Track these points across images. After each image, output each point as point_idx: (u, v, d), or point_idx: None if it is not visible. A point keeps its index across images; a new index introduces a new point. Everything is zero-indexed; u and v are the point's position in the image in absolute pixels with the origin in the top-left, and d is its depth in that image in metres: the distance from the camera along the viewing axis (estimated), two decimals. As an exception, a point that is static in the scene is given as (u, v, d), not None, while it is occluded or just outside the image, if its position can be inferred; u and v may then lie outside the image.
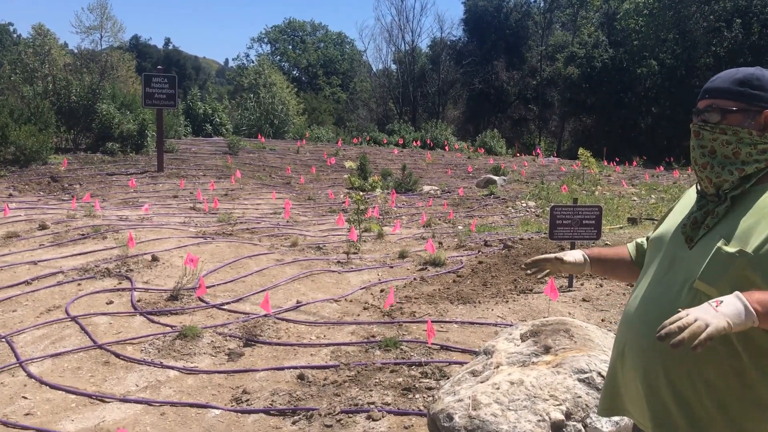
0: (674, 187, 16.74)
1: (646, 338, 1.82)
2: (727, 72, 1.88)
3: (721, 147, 1.81)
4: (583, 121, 41.90)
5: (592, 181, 17.54)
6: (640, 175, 21.17)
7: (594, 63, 36.98)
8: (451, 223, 11.68)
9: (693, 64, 33.45)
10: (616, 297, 6.53)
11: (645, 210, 13.14)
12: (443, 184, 17.67)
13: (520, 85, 49.14)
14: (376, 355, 5.15)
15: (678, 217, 1.97)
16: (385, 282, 7.21)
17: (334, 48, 69.31)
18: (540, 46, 47.84)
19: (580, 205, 6.82)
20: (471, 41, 50.69)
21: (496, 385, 3.54)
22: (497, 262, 8.02)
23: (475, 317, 5.99)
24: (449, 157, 25.07)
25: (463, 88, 50.43)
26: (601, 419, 3.33)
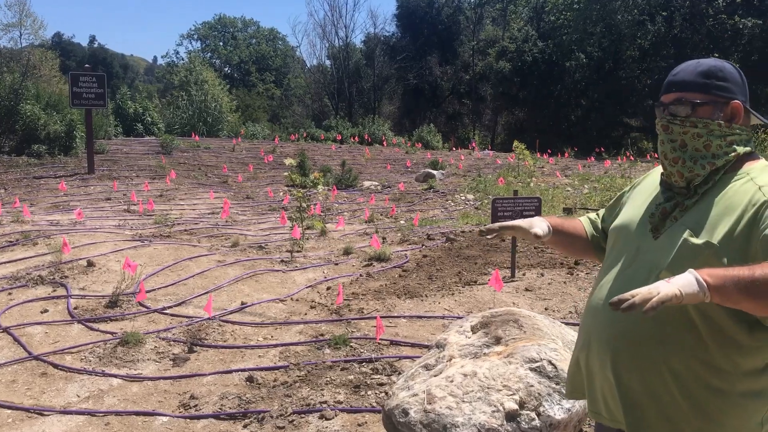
0: (606, 177, 17.24)
1: (612, 329, 1.83)
2: (687, 65, 1.88)
3: (692, 140, 1.81)
4: (515, 114, 42.72)
5: (527, 173, 17.89)
6: (572, 166, 21.71)
7: (524, 57, 37.72)
8: (394, 218, 11.71)
9: (619, 56, 34.55)
10: (557, 286, 6.67)
11: (579, 200, 13.49)
12: (383, 179, 17.71)
13: (453, 80, 49.68)
14: (325, 354, 5.11)
15: (640, 206, 1.97)
16: (331, 279, 7.17)
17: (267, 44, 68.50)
18: (472, 41, 48.47)
19: (520, 197, 6.93)
20: (404, 36, 50.92)
21: (449, 378, 3.56)
22: (441, 255, 8.09)
23: (422, 311, 6.02)
24: (388, 152, 25.15)
25: (398, 84, 50.65)
26: (554, 407, 3.40)
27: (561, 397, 3.43)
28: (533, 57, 37.52)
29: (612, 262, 1.96)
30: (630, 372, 1.80)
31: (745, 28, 30.19)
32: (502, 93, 40.56)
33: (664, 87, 1.90)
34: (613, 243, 2.02)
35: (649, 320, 1.74)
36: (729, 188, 1.79)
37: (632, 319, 1.78)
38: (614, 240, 2.02)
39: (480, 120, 50.33)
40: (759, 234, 1.67)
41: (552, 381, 3.48)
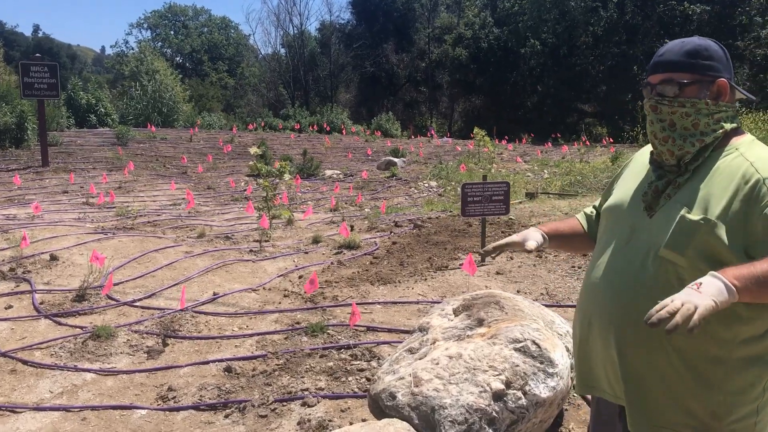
0: (565, 162, 17.50)
1: (614, 309, 1.86)
2: (672, 44, 1.90)
3: (681, 119, 1.84)
4: (472, 101, 43.02)
5: (487, 159, 18.05)
6: (531, 151, 21.99)
7: (481, 44, 37.96)
8: (359, 206, 11.69)
9: (573, 43, 35.02)
10: (527, 269, 6.77)
11: (540, 185, 13.68)
12: (345, 167, 17.65)
13: (410, 68, 49.75)
14: (303, 342, 5.09)
15: (631, 185, 2.00)
16: (302, 268, 7.14)
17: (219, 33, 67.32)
18: (427, 28, 48.55)
19: (489, 182, 6.99)
20: (360, 24, 50.73)
21: (435, 361, 3.58)
22: (410, 241, 8.12)
23: (397, 297, 6.04)
24: (347, 141, 25.07)
25: (355, 72, 50.50)
26: (539, 385, 3.45)
27: (546, 375, 3.49)
28: (489, 44, 37.80)
29: (607, 241, 1.99)
30: (634, 350, 1.84)
31: (694, 14, 30.92)
32: (459, 80, 40.78)
33: (650, 67, 1.92)
34: (606, 223, 2.05)
35: (650, 298, 1.75)
36: (719, 164, 1.83)
37: (633, 297, 1.83)
38: (607, 220, 2.05)
39: (437, 107, 50.56)
40: (759, 212, 1.71)
41: (536, 360, 3.54)
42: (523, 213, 9.76)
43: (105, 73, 72.21)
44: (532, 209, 10.13)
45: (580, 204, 10.68)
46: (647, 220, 1.87)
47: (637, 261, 1.84)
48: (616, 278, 1.88)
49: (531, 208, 10.26)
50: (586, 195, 12.32)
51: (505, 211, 6.99)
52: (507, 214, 7.15)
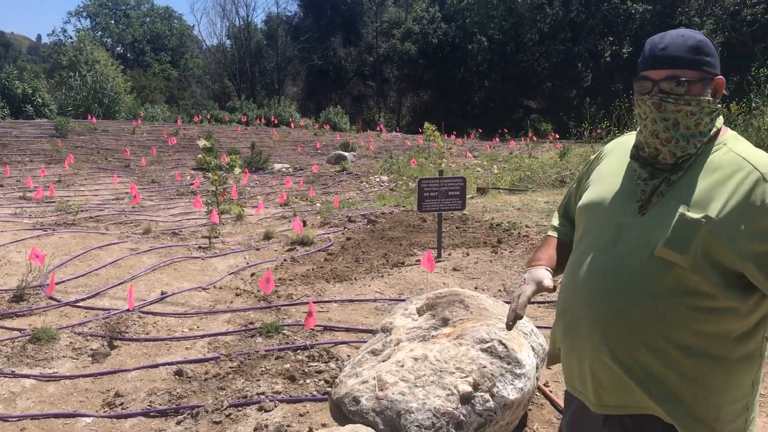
0: (514, 158, 17.63)
1: (608, 313, 1.77)
2: (672, 39, 1.78)
3: (685, 118, 1.75)
4: (420, 96, 43.09)
5: (437, 154, 18.04)
6: (479, 147, 22.11)
7: (430, 39, 38.02)
8: (310, 201, 11.49)
9: (520, 40, 35.40)
10: (484, 265, 6.72)
11: (490, 180, 13.72)
12: (294, 161, 17.39)
13: (357, 62, 49.50)
14: (257, 343, 4.91)
15: (612, 182, 1.91)
16: (254, 265, 6.92)
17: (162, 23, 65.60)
18: (375, 22, 48.39)
19: (445, 177, 6.92)
20: (307, 17, 50.17)
21: (400, 363, 3.47)
22: (365, 237, 7.99)
23: (353, 294, 5.90)
24: (296, 134, 24.74)
25: (302, 65, 49.97)
26: (507, 387, 3.37)
27: (513, 376, 3.41)
28: (438, 39, 37.89)
29: (589, 240, 1.89)
30: (632, 354, 1.75)
31: (636, 13, 31.61)
32: (407, 75, 40.79)
33: (650, 61, 1.79)
34: (586, 222, 1.94)
35: (645, 299, 1.71)
36: (710, 160, 1.77)
37: (628, 300, 1.74)
38: (587, 218, 1.94)
39: (385, 102, 50.50)
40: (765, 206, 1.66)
41: (504, 361, 3.46)
42: (476, 208, 9.74)
43: (41, 62, 69.55)
44: (485, 204, 10.13)
45: (531, 199, 10.73)
46: (638, 218, 1.78)
47: (632, 261, 1.75)
48: (607, 280, 1.78)
49: (483, 203, 10.26)
50: (535, 190, 12.41)
51: (461, 206, 6.93)
52: (463, 209, 7.10)
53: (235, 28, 50.93)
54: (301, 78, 51.32)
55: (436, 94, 40.15)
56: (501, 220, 8.77)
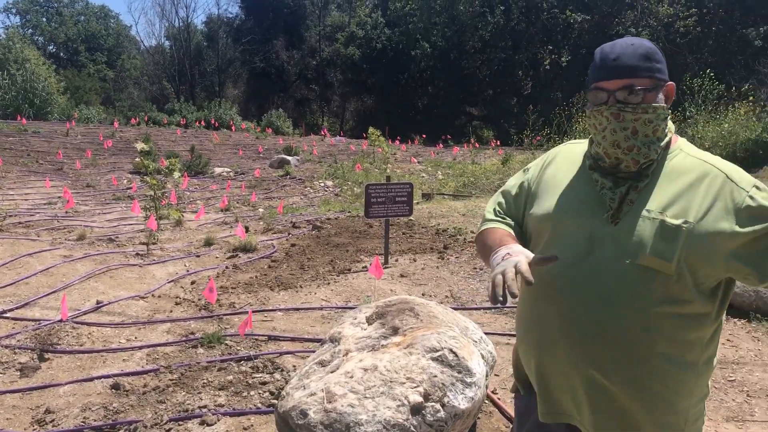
0: (458, 164, 17.74)
1: (587, 326, 1.72)
2: (622, 48, 1.76)
3: (644, 126, 1.73)
4: (364, 101, 43.10)
5: (382, 159, 18.02)
6: (423, 152, 22.20)
7: (373, 44, 38.08)
8: (252, 205, 11.27)
9: (462, 47, 35.78)
10: (430, 271, 6.68)
11: (435, 186, 13.76)
12: (235, 165, 17.08)
13: (300, 65, 49.18)
14: (199, 354, 4.72)
15: (571, 192, 1.86)
16: (194, 273, 6.70)
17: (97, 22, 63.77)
18: (318, 26, 48.20)
19: (392, 183, 6.85)
20: (249, 19, 49.58)
21: (349, 374, 3.36)
22: (310, 243, 7.85)
23: (299, 303, 5.76)
24: (237, 138, 24.34)
25: (243, 67, 49.33)
26: (458, 396, 3.31)
27: (464, 386, 3.35)
28: (382, 44, 37.97)
29: (555, 251, 1.79)
30: (619, 367, 1.72)
31: (575, 23, 32.38)
32: (351, 79, 40.75)
33: (603, 71, 1.76)
34: (549, 233, 1.87)
35: (630, 309, 1.68)
36: (670, 165, 1.77)
37: (609, 311, 1.70)
38: (549, 228, 1.87)
39: (328, 106, 50.31)
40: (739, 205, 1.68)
41: (454, 370, 3.39)
42: (422, 214, 9.72)
43: (-33, 60, 66.64)
44: (430, 210, 10.12)
45: (475, 205, 10.78)
46: (610, 228, 1.74)
47: (610, 272, 1.71)
48: (585, 293, 1.73)
49: (428, 208, 10.25)
50: (479, 196, 12.50)
51: (408, 212, 6.88)
52: (410, 215, 7.05)
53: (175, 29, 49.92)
54: (243, 80, 50.66)
55: (380, 99, 40.22)
56: (447, 225, 8.77)
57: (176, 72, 48.83)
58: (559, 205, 1.86)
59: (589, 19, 32.26)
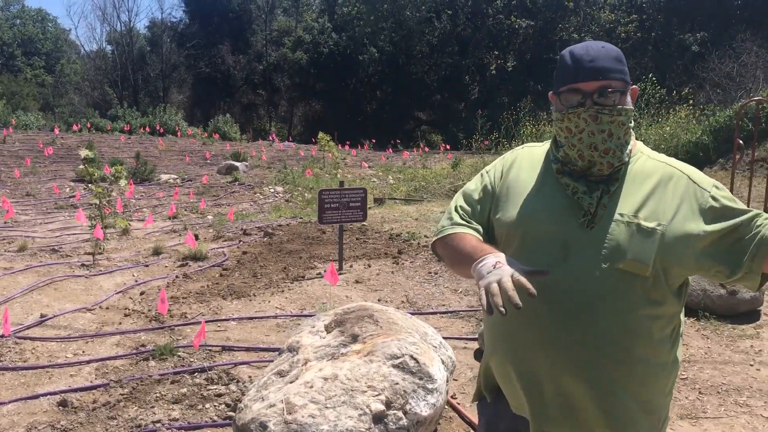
0: (409, 169, 17.79)
1: (571, 333, 1.70)
2: (596, 50, 1.75)
3: (618, 129, 1.74)
4: (312, 106, 42.90)
5: (332, 164, 17.94)
6: (373, 157, 22.20)
7: (321, 49, 37.96)
8: (201, 213, 11.05)
9: (410, 52, 35.99)
10: (386, 276, 6.65)
11: (386, 190, 13.76)
12: (182, 171, 16.75)
13: (247, 70, 48.68)
14: (151, 367, 4.58)
15: (539, 197, 1.83)
16: (143, 283, 6.51)
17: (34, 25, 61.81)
18: (264, 30, 47.80)
19: (346, 188, 6.81)
20: (193, 23, 48.84)
21: (309, 384, 3.30)
22: (262, 251, 7.73)
23: (252, 312, 5.66)
24: (183, 144, 23.91)
25: (188, 72, 48.53)
26: (420, 403, 3.29)
27: (426, 392, 3.33)
28: (329, 49, 37.88)
29: (532, 260, 1.73)
30: (602, 372, 1.71)
31: (520, 29, 32.94)
32: (298, 84, 40.53)
33: (579, 73, 1.73)
34: (519, 237, 1.83)
35: (613, 315, 1.68)
36: (634, 169, 1.78)
37: (593, 317, 1.69)
38: (515, 235, 1.83)
39: (276, 111, 49.91)
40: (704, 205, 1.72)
41: (415, 377, 3.37)
42: (375, 219, 9.69)
43: None
44: (383, 215, 10.11)
45: (428, 209, 10.82)
46: (586, 233, 1.72)
47: (588, 277, 1.69)
48: (564, 300, 1.71)
49: (381, 213, 10.23)
50: (431, 200, 12.55)
51: (362, 217, 6.84)
52: (364, 220, 7.01)
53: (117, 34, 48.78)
54: (188, 86, 49.84)
55: (329, 104, 40.10)
56: (400, 230, 8.76)
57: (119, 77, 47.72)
58: (529, 211, 1.83)
59: (533, 24, 32.87)
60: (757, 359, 4.62)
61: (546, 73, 32.67)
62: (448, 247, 1.90)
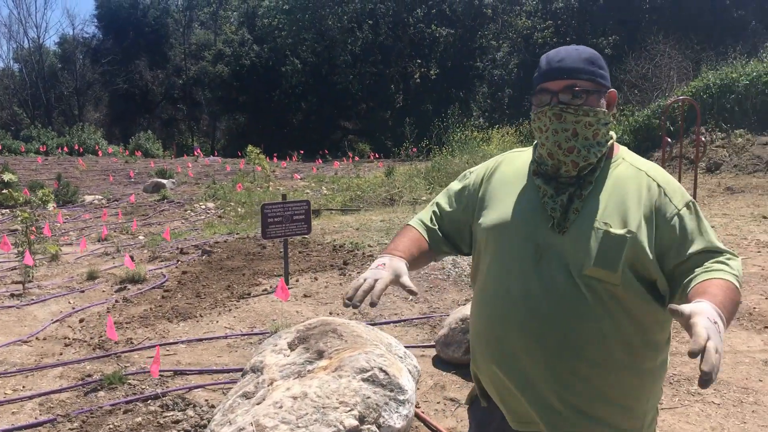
0: (341, 178, 17.74)
1: (545, 337, 1.70)
2: (567, 52, 1.80)
3: (584, 129, 1.74)
4: (236, 119, 42.27)
5: (263, 177, 17.70)
6: (303, 168, 22.04)
7: (242, 61, 37.48)
8: (131, 233, 10.68)
9: (334, 62, 35.97)
10: (334, 288, 6.58)
11: (322, 201, 13.67)
12: (107, 192, 16.17)
13: (166, 85, 47.63)
14: (100, 397, 4.37)
15: (513, 200, 1.84)
16: (81, 310, 6.22)
17: (-68, 44, 58.62)
18: (183, 44, 46.86)
19: (289, 202, 6.71)
20: (107, 38, 47.46)
21: (278, 404, 3.22)
22: (203, 269, 7.52)
23: (201, 333, 5.48)
24: (105, 163, 23.13)
25: (104, 89, 47.06)
26: (393, 415, 3.25)
27: (397, 404, 3.30)
28: (251, 61, 37.44)
29: (505, 265, 1.80)
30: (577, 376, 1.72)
31: (441, 37, 33.45)
32: (221, 97, 39.87)
33: (548, 74, 1.78)
34: (494, 243, 1.85)
35: (587, 320, 1.69)
36: (613, 174, 1.79)
37: (567, 321, 1.69)
38: (495, 239, 1.85)
39: (198, 126, 48.97)
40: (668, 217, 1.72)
41: (386, 389, 3.33)
42: (315, 230, 9.58)
43: None
44: (322, 226, 10.02)
45: (367, 219, 10.80)
46: (558, 237, 1.73)
47: (560, 282, 1.70)
48: (539, 304, 1.71)
49: (320, 225, 10.15)
50: (368, 210, 12.54)
51: (307, 230, 6.76)
52: (309, 233, 6.93)
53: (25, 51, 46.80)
54: (104, 103, 48.29)
55: (253, 116, 39.59)
56: (342, 241, 8.70)
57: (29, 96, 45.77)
58: (505, 215, 1.84)
59: (453, 32, 33.45)
60: (703, 348, 4.80)
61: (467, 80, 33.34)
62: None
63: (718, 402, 4.06)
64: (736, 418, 3.80)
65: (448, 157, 15.36)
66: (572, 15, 30.88)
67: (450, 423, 3.97)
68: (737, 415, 3.84)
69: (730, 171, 13.76)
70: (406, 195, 13.49)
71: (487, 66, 32.74)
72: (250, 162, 18.68)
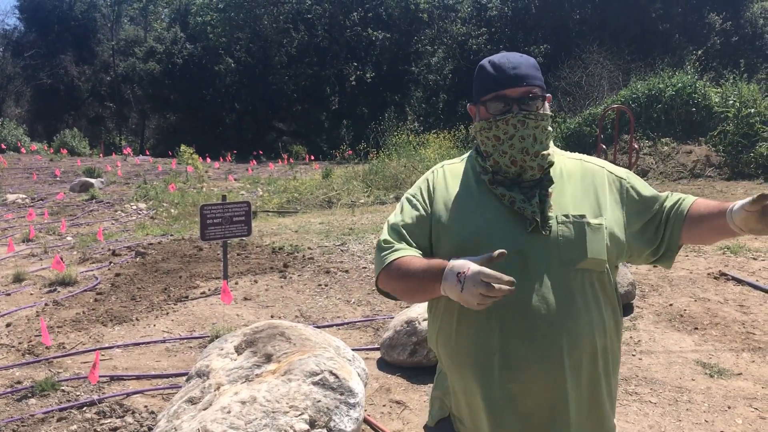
0: (277, 180, 17.52)
1: (559, 338, 1.69)
2: (517, 59, 1.80)
3: (541, 133, 1.79)
4: (167, 118, 41.20)
5: (196, 178, 17.32)
6: (236, 169, 21.68)
7: (175, 59, 36.58)
8: (59, 234, 10.26)
9: (269, 62, 35.54)
10: (275, 291, 6.50)
11: (258, 203, 13.47)
12: (31, 191, 15.49)
13: (93, 81, 45.98)
14: (31, 405, 4.18)
15: (480, 213, 1.79)
16: (8, 314, 5.93)
17: None
18: (111, 40, 45.39)
19: (228, 203, 6.58)
20: (30, 31, 45.44)
21: (226, 409, 3.15)
22: (137, 271, 7.30)
23: (138, 337, 5.31)
24: (28, 161, 22.17)
25: (27, 84, 45.02)
26: (344, 419, 3.23)
27: (348, 407, 3.28)
28: (184, 59, 36.59)
29: None
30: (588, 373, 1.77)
31: (377, 40, 33.53)
32: (152, 96, 38.78)
33: (504, 81, 1.77)
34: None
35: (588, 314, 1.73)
36: (560, 169, 1.86)
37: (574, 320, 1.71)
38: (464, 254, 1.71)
39: (126, 124, 47.52)
40: (625, 193, 1.86)
41: (337, 392, 3.31)
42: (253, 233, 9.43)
43: None
44: (260, 228, 9.88)
45: (305, 221, 10.71)
46: (541, 239, 1.72)
47: (553, 283, 1.70)
48: (541, 307, 1.68)
49: (258, 227, 9.99)
50: (306, 212, 12.45)
51: (247, 232, 6.65)
52: (249, 234, 6.82)
53: (-62, 41, 44.42)
54: (26, 98, 46.24)
55: (185, 115, 38.66)
56: (282, 243, 8.60)
57: (-58, 89, 43.46)
58: (474, 230, 1.77)
59: (389, 36, 33.59)
60: (638, 349, 4.97)
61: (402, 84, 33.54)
62: (397, 272, 1.78)
63: (654, 401, 4.20)
64: (672, 417, 3.94)
65: (385, 160, 15.40)
66: (506, 23, 31.52)
67: (396, 426, 3.97)
68: (673, 413, 3.98)
69: (657, 178, 14.33)
70: (344, 197, 13.46)
71: (422, 71, 32.99)
72: (182, 162, 18.27)
